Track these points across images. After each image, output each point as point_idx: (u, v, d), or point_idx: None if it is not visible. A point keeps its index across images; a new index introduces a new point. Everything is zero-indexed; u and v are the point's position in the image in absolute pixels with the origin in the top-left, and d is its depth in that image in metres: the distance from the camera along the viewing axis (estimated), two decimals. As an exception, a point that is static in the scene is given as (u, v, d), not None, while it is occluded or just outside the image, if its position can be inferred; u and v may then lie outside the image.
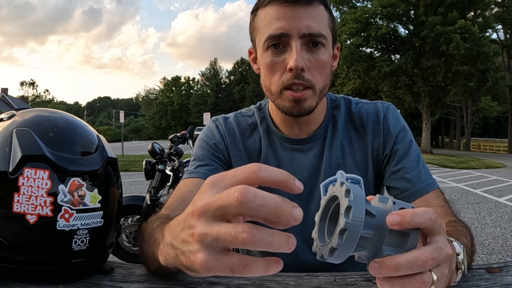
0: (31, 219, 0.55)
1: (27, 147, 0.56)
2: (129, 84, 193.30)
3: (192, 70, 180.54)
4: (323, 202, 0.42)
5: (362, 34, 23.03)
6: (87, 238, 0.59)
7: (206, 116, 11.62)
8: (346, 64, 23.65)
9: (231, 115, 0.96)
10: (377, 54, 24.41)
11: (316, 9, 0.75)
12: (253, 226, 0.34)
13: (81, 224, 0.58)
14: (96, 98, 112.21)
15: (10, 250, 0.56)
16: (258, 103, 0.97)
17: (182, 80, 66.00)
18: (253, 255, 0.99)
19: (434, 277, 0.39)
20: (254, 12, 0.81)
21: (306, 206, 0.87)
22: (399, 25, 24.07)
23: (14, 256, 0.57)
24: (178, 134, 3.13)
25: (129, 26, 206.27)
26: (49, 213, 0.56)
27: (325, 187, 0.86)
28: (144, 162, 3.06)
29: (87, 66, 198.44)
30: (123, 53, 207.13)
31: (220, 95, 58.99)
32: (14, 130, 0.59)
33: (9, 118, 0.63)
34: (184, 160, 2.94)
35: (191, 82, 65.56)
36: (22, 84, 73.61)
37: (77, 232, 0.58)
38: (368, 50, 24.26)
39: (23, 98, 47.99)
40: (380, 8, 22.40)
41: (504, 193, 7.50)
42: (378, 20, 23.52)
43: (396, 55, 24.53)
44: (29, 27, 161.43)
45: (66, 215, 0.57)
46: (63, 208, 0.56)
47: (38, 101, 72.38)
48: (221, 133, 0.91)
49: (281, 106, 0.80)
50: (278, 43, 0.75)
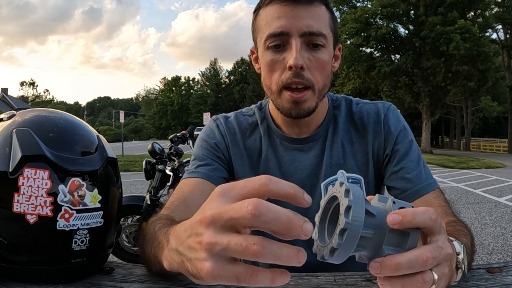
0: (31, 219, 0.55)
1: (27, 147, 0.56)
2: (129, 84, 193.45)
3: (192, 70, 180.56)
4: (323, 203, 0.42)
5: (362, 34, 23.03)
6: (87, 238, 0.59)
7: (206, 116, 11.62)
8: (346, 64, 23.65)
9: (231, 114, 0.95)
10: (377, 54, 24.41)
11: (317, 9, 0.76)
12: (263, 238, 0.34)
13: (81, 224, 0.58)
14: (96, 98, 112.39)
15: (10, 250, 0.56)
16: (259, 102, 0.97)
17: (182, 80, 66.02)
18: (259, 265, 0.99)
19: (435, 276, 0.39)
20: (256, 11, 0.81)
21: (307, 209, 0.87)
22: (399, 25, 24.08)
23: (14, 256, 0.57)
24: (178, 134, 3.13)
25: (129, 26, 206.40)
26: (49, 213, 0.56)
27: (325, 186, 0.86)
28: (144, 162, 3.06)
29: (87, 66, 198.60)
30: (123, 53, 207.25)
31: (220, 95, 58.98)
32: (14, 130, 0.59)
33: (9, 118, 0.63)
34: (184, 160, 2.94)
35: (191, 82, 65.56)
36: (22, 84, 73.63)
37: (77, 232, 0.58)
38: (368, 50, 24.27)
39: (23, 98, 47.99)
40: (380, 8, 22.40)
41: (504, 193, 7.50)
42: (378, 20, 23.52)
43: (396, 55, 24.54)
44: (29, 27, 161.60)
45: (66, 215, 0.57)
46: (63, 208, 0.56)
47: (38, 101, 72.38)
48: (221, 132, 0.91)
49: (280, 107, 0.80)
50: (279, 43, 0.75)
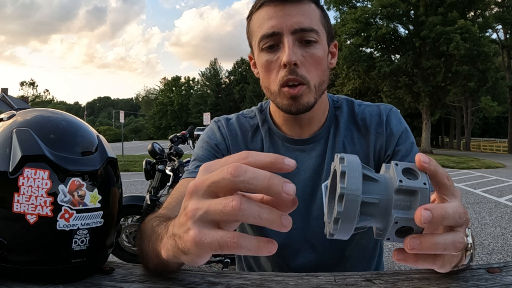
0: (31, 219, 0.55)
1: (27, 147, 0.56)
2: (133, 84, 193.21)
3: (196, 70, 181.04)
4: (328, 182, 0.42)
5: (362, 34, 23.03)
6: (87, 238, 0.59)
7: (206, 116, 11.62)
8: (346, 64, 23.65)
9: (233, 116, 0.96)
10: (377, 54, 24.40)
11: (306, 6, 0.77)
12: (242, 197, 0.35)
13: (81, 224, 0.58)
14: (96, 98, 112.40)
15: (10, 250, 0.56)
16: (259, 104, 0.97)
17: (182, 80, 66.02)
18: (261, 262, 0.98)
19: (468, 240, 0.40)
20: (249, 17, 0.83)
21: (308, 205, 0.87)
22: (399, 25, 24.07)
23: (14, 256, 0.57)
24: (178, 134, 3.13)
25: (134, 25, 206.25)
26: (49, 213, 0.56)
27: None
28: (144, 162, 3.06)
29: (90, 66, 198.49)
30: (126, 52, 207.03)
31: (220, 95, 58.98)
32: (14, 130, 0.59)
33: (9, 118, 0.63)
34: (184, 160, 2.94)
35: (191, 82, 65.57)
36: (22, 84, 73.65)
37: (77, 232, 0.58)
38: (368, 50, 24.26)
39: (23, 98, 48.00)
40: (380, 8, 22.40)
41: (504, 193, 7.50)
42: (378, 20, 23.52)
43: (396, 55, 24.53)
44: (32, 26, 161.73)
45: (66, 215, 0.57)
46: (63, 208, 0.56)
47: (38, 101, 72.43)
48: (222, 134, 0.91)
49: (280, 105, 0.80)
50: (272, 44, 0.77)
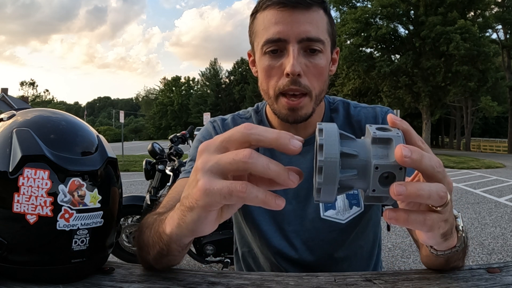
0: (31, 219, 0.55)
1: (27, 147, 0.56)
2: (133, 84, 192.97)
3: (196, 70, 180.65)
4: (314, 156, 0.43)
5: (362, 34, 23.03)
6: (87, 238, 0.59)
7: (206, 116, 11.62)
8: (346, 64, 23.66)
9: (228, 116, 0.96)
10: (377, 54, 24.41)
11: (315, 14, 0.74)
12: (253, 151, 0.37)
13: (81, 224, 0.58)
14: (96, 98, 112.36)
15: (10, 250, 0.56)
16: (256, 105, 0.97)
17: (182, 80, 66.01)
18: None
19: (448, 197, 0.39)
20: (254, 15, 0.81)
21: (303, 208, 0.87)
22: (399, 25, 24.08)
23: (14, 256, 0.57)
24: (178, 134, 3.13)
25: (134, 25, 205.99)
26: (49, 213, 0.56)
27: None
28: (144, 162, 3.06)
29: (90, 66, 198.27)
30: (127, 52, 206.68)
31: (220, 95, 58.97)
32: (14, 130, 0.59)
33: (9, 118, 0.63)
34: (184, 160, 2.93)
35: (191, 82, 65.55)
36: (22, 84, 73.64)
37: (77, 232, 0.58)
38: (368, 50, 24.26)
39: (23, 98, 48.00)
40: (380, 8, 22.41)
41: (504, 193, 7.50)
42: (378, 20, 23.52)
43: (396, 55, 24.54)
44: (32, 26, 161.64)
45: (66, 215, 0.57)
46: (63, 208, 0.56)
47: (38, 101, 72.40)
48: (218, 134, 0.91)
49: (277, 112, 0.80)
50: (276, 48, 0.75)
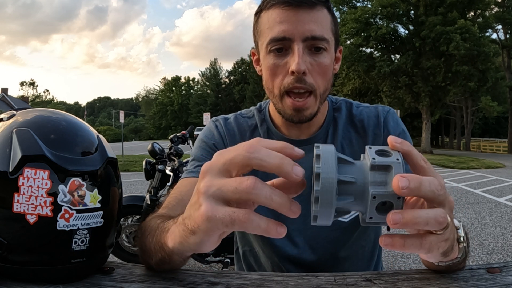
0: (31, 219, 0.55)
1: (27, 147, 0.56)
2: (133, 84, 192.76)
3: (196, 70, 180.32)
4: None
5: (362, 34, 23.03)
6: (87, 238, 0.59)
7: (206, 116, 11.62)
8: (346, 64, 23.65)
9: (231, 116, 0.96)
10: (377, 54, 24.40)
11: (319, 13, 0.75)
12: (257, 178, 0.37)
13: (81, 224, 0.58)
14: (96, 98, 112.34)
15: (10, 250, 0.56)
16: (258, 104, 0.97)
17: (182, 80, 66.00)
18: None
19: (449, 220, 0.39)
20: (258, 14, 0.81)
21: (306, 207, 0.87)
22: (399, 25, 24.07)
23: (14, 256, 0.57)
24: (178, 134, 3.13)
25: (135, 25, 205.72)
26: (49, 213, 0.56)
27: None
28: (144, 162, 3.06)
29: (91, 66, 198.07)
30: (127, 52, 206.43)
31: (220, 95, 58.97)
32: (14, 130, 0.59)
33: (9, 118, 0.63)
34: (184, 160, 2.93)
35: (191, 82, 65.55)
36: (22, 84, 73.65)
37: (77, 232, 0.58)
38: (368, 50, 24.26)
39: (23, 98, 48.00)
40: (380, 8, 22.40)
41: (504, 193, 7.50)
42: (378, 20, 23.52)
43: (396, 55, 24.53)
44: (33, 26, 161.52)
45: (66, 215, 0.57)
46: (63, 208, 0.56)
47: (38, 101, 72.40)
48: (220, 134, 0.91)
49: (282, 112, 0.80)
50: (281, 47, 0.75)
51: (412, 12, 23.21)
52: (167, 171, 2.81)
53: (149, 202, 2.76)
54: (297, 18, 0.73)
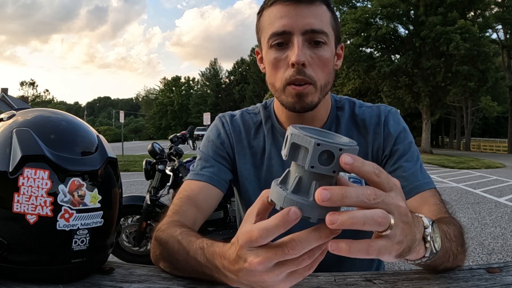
0: (31, 219, 0.55)
1: (27, 147, 0.56)
2: (133, 84, 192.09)
3: (196, 70, 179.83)
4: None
5: (362, 34, 23.02)
6: (87, 238, 0.59)
7: (206, 116, 11.62)
8: (346, 64, 23.63)
9: (237, 112, 0.98)
10: (377, 54, 24.39)
11: (318, 8, 0.78)
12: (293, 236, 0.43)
13: (81, 224, 0.58)
14: (96, 98, 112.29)
15: (10, 250, 0.56)
16: (264, 101, 1.00)
17: (182, 80, 66.02)
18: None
19: (392, 221, 0.38)
20: (260, 13, 0.84)
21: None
22: (399, 25, 24.06)
23: (14, 256, 0.57)
24: (178, 134, 3.13)
25: (135, 25, 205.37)
26: (49, 213, 0.56)
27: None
28: (144, 162, 3.05)
29: (91, 66, 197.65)
30: (127, 52, 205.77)
31: (220, 95, 58.99)
32: (14, 130, 0.59)
33: (9, 118, 0.63)
34: (184, 160, 2.93)
35: (191, 82, 65.56)
36: (22, 84, 73.65)
37: (77, 232, 0.58)
38: (368, 50, 24.25)
39: (23, 98, 47.98)
40: (380, 8, 22.39)
41: (504, 193, 7.50)
42: (378, 20, 23.51)
43: (396, 55, 24.52)
44: (33, 26, 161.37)
45: (66, 215, 0.57)
46: (63, 208, 0.56)
47: (38, 101, 72.38)
48: (226, 131, 0.94)
49: (284, 102, 0.82)
50: (282, 41, 0.78)
51: (412, 12, 23.20)
52: (167, 171, 2.81)
53: (149, 202, 2.76)
54: (297, 12, 0.76)
